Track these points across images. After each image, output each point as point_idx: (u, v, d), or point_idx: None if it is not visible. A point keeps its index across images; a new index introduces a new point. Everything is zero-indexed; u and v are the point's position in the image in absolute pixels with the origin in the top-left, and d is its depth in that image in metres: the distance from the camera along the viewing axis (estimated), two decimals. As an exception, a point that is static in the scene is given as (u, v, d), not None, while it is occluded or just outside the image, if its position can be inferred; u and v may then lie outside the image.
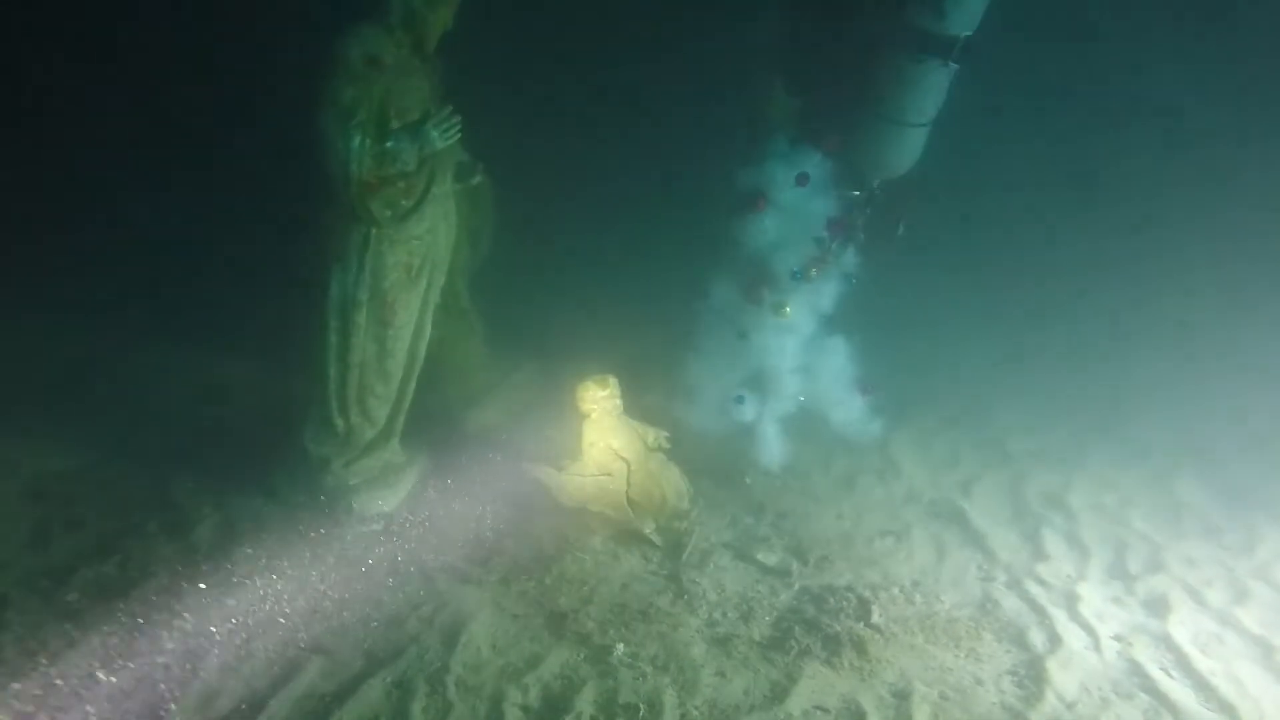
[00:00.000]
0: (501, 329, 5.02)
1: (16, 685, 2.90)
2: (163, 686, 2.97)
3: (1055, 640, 3.56)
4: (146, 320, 5.73)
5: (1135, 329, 6.67)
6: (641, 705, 3.03)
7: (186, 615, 3.29)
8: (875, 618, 3.60)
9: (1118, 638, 3.60)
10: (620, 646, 3.33)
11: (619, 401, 4.21)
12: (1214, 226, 6.77)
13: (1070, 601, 3.85)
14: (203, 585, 3.47)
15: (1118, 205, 7.34)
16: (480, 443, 4.65)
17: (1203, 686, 3.30)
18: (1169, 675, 3.37)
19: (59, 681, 2.93)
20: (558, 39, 4.80)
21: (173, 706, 2.88)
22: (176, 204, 5.62)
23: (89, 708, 2.83)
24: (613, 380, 4.18)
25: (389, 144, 3.31)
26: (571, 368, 4.36)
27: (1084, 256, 7.30)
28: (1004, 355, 6.47)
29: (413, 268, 3.70)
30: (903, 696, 3.17)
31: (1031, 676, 3.35)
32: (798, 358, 4.71)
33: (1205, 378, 5.97)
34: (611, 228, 4.90)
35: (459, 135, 3.47)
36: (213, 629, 3.23)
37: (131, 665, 3.03)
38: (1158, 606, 3.83)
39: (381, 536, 3.92)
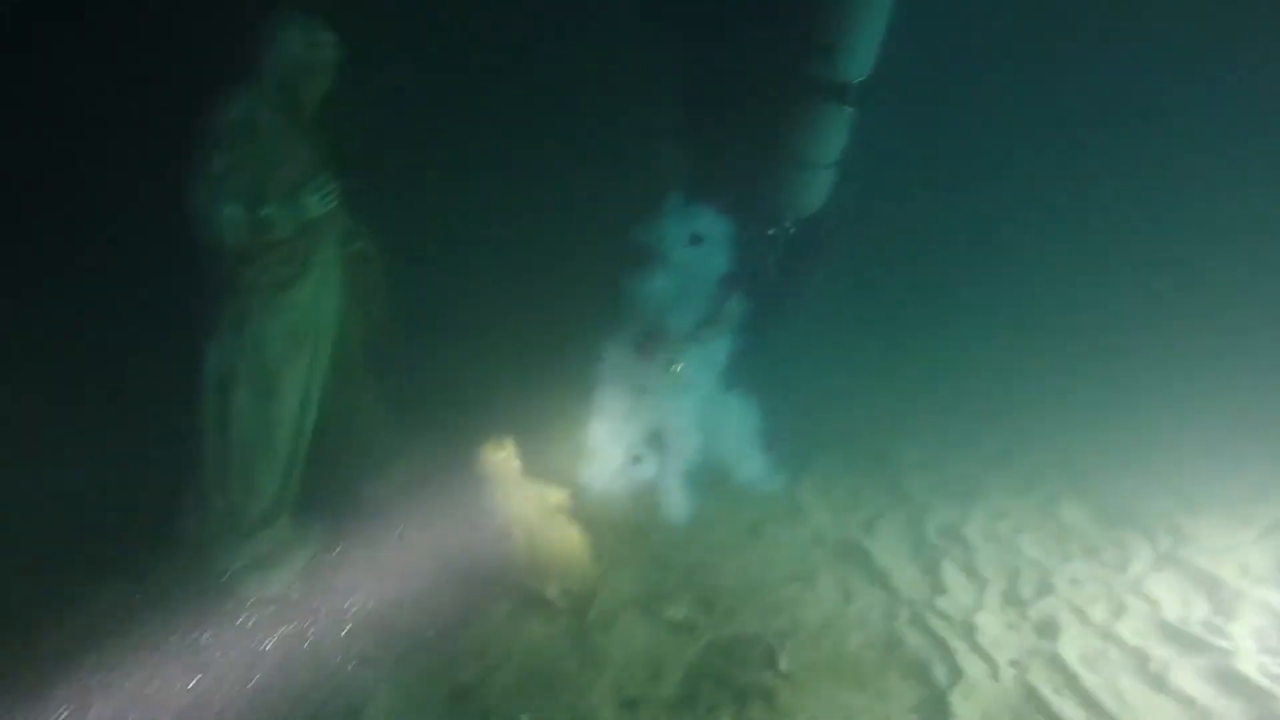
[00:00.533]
0: (405, 394, 4.91)
1: None
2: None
3: (957, 672, 3.63)
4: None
5: (1022, 365, 7.09)
6: (547, 778, 2.92)
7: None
8: (783, 665, 3.60)
9: (1014, 663, 3.71)
10: (525, 719, 3.22)
11: (517, 463, 4.16)
12: (1079, 261, 7.29)
13: (969, 632, 3.96)
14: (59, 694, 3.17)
15: (1010, 252, 7.83)
16: (379, 513, 4.49)
17: (1090, 703, 3.42)
18: (1061, 696, 3.48)
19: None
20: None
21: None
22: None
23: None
24: (509, 442, 4.13)
25: (263, 212, 3.25)
26: (473, 432, 4.30)
27: (977, 297, 7.74)
28: (903, 396, 6.73)
29: (296, 336, 3.60)
30: (812, 743, 3.17)
31: (937, 711, 3.40)
32: (695, 414, 4.78)
33: (1084, 407, 6.37)
34: (512, 283, 4.90)
35: (335, 202, 3.44)
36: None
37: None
38: (1049, 629, 3.97)
39: (271, 620, 3.70)
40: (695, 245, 4.43)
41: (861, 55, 3.96)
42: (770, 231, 4.63)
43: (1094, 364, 6.93)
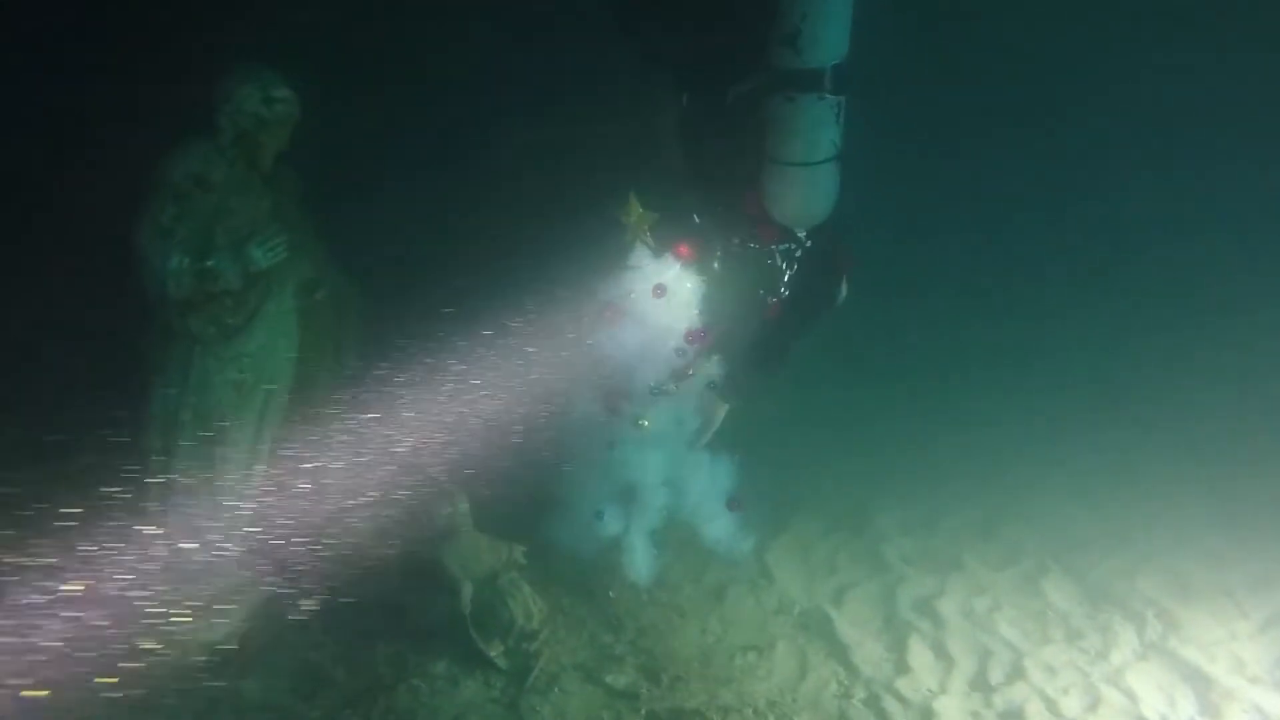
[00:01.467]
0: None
1: None
2: None
3: (904, 763, 3.45)
4: None
5: (1015, 428, 6.85)
6: None
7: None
8: (720, 744, 3.46)
9: (968, 757, 3.51)
10: (439, 788, 3.12)
11: (468, 516, 4.11)
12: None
13: (926, 718, 3.77)
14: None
15: (1005, 310, 7.67)
16: (333, 559, 4.46)
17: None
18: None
19: None
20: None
21: None
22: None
23: None
24: (460, 494, 4.09)
25: (209, 263, 3.30)
26: (429, 482, 4.28)
27: (971, 356, 7.56)
28: (889, 457, 6.54)
29: (244, 386, 3.62)
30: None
31: (875, 805, 3.23)
32: (663, 471, 4.69)
33: (1079, 475, 6.12)
34: (481, 331, 4.90)
35: (283, 255, 3.48)
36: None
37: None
38: (1014, 719, 3.77)
39: (204, 670, 3.66)
40: (659, 297, 4.37)
41: (829, 39, 3.68)
42: (784, 246, 4.23)
43: (1091, 429, 6.67)
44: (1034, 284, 7.66)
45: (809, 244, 4.26)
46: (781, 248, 4.23)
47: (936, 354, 7.61)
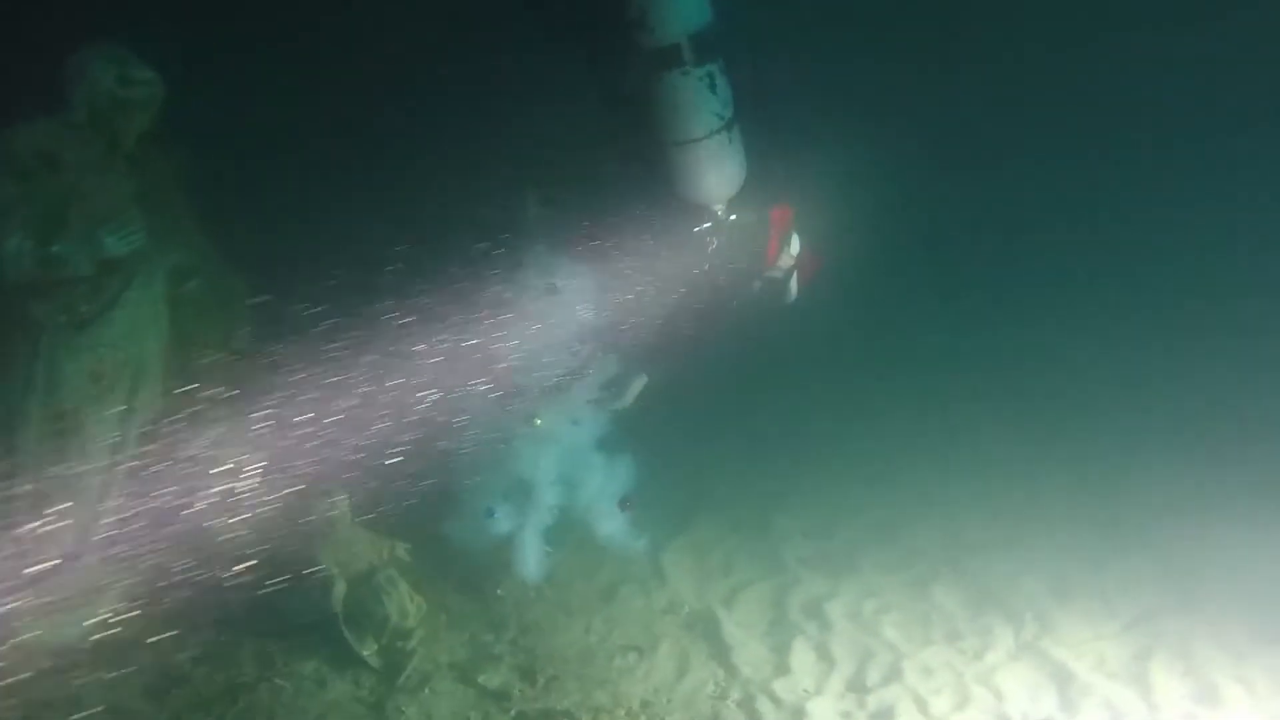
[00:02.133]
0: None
1: None
2: None
3: (768, 763, 3.47)
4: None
5: (915, 431, 6.97)
6: None
7: None
8: (585, 745, 3.44)
9: (830, 757, 3.55)
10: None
11: (346, 511, 4.04)
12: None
13: (798, 718, 3.80)
14: None
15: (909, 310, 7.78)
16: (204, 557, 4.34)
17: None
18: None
19: None
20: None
21: None
22: None
23: None
24: (338, 489, 4.02)
25: (54, 248, 3.17)
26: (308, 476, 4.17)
27: (877, 357, 7.66)
28: (795, 459, 6.59)
29: (102, 377, 3.49)
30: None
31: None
32: (556, 469, 4.66)
33: (973, 479, 6.24)
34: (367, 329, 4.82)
35: (139, 243, 3.36)
36: None
37: None
38: (885, 718, 3.82)
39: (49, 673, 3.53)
40: (552, 295, 4.34)
41: (677, 12, 3.62)
42: (709, 224, 4.12)
43: (984, 434, 6.81)
44: (948, 297, 7.80)
45: (732, 218, 4.15)
46: (710, 224, 4.12)
47: (847, 357, 7.71)
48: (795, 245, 4.50)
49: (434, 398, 4.61)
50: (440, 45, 4.71)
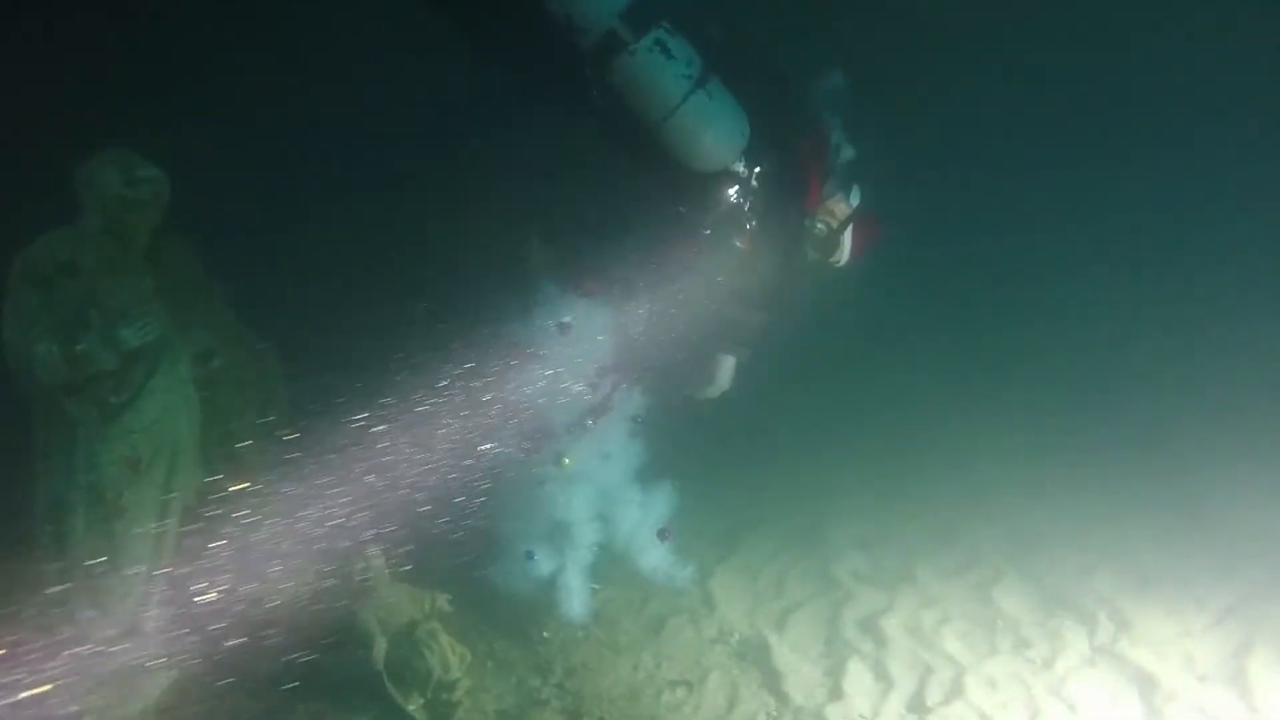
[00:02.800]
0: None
1: None
2: None
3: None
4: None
5: (972, 426, 6.66)
6: None
7: None
8: (631, 789, 3.38)
9: (888, 788, 3.39)
10: None
11: (383, 568, 4.11)
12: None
13: (852, 746, 3.65)
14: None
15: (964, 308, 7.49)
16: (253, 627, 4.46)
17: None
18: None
19: None
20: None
21: None
22: None
23: None
24: (374, 548, 4.09)
25: (79, 347, 3.35)
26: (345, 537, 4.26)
27: (929, 356, 7.39)
28: (846, 466, 6.39)
29: (139, 462, 3.65)
30: None
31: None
32: (592, 506, 4.65)
33: (1037, 470, 5.92)
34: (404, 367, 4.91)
35: (156, 333, 3.51)
36: None
37: None
38: (946, 741, 3.64)
39: None
40: (564, 334, 4.33)
41: (595, 3, 3.53)
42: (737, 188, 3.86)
43: (1048, 422, 6.44)
44: (993, 286, 7.46)
45: (755, 169, 3.96)
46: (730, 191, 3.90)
47: (893, 359, 7.45)
48: (856, 195, 4.21)
49: (458, 452, 4.68)
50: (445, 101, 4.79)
